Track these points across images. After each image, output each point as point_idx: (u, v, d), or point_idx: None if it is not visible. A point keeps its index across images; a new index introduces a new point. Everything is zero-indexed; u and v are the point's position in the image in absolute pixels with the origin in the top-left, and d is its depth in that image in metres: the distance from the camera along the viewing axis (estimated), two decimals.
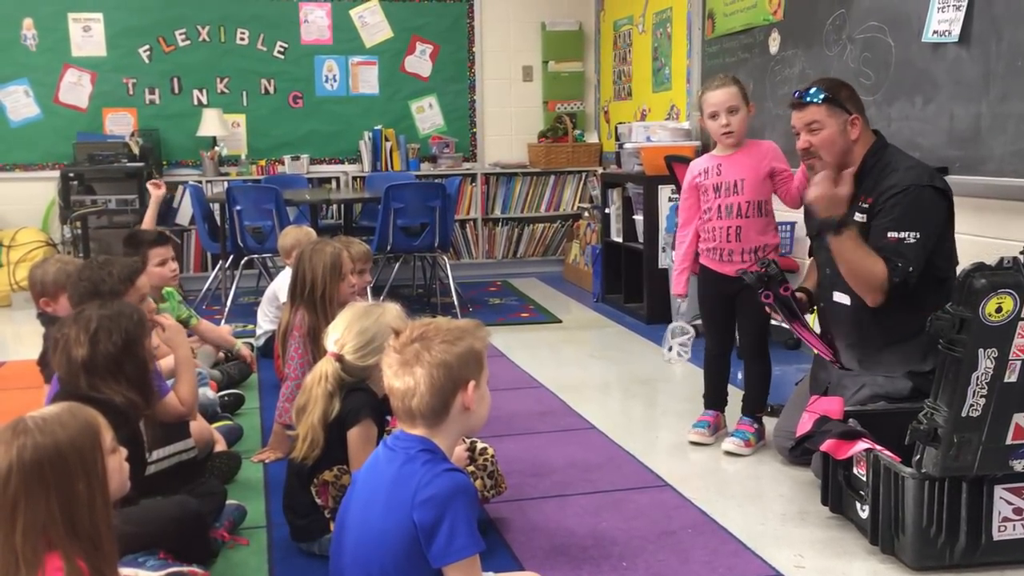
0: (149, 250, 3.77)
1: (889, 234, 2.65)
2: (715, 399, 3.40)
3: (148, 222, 4.55)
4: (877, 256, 2.66)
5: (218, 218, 5.88)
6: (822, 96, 2.77)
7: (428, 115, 7.42)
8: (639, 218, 5.51)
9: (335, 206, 6.75)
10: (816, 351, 2.97)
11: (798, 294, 2.97)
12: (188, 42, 6.91)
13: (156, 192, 4.73)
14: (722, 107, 3.16)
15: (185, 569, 2.11)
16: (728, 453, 3.20)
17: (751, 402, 3.31)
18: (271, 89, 7.09)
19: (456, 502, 1.72)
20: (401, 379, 1.79)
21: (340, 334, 2.41)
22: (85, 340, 2.22)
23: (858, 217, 2.75)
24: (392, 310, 2.44)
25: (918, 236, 2.62)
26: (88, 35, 6.76)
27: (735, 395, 3.42)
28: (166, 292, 3.93)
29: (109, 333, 2.24)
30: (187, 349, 2.73)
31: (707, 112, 3.22)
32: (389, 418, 2.50)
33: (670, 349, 3.52)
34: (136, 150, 6.48)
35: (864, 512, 2.43)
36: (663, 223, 5.33)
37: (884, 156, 2.78)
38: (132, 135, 6.69)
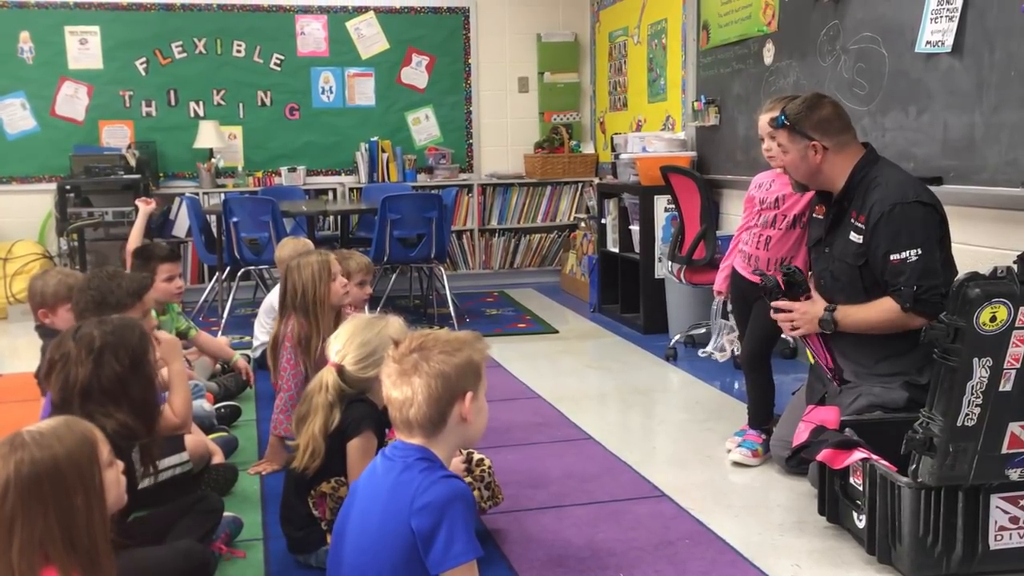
0: (159, 265, 3.78)
1: (891, 257, 2.65)
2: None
3: (135, 237, 4.55)
4: (879, 298, 2.68)
5: (215, 230, 5.88)
6: (783, 122, 2.81)
7: (424, 126, 7.44)
8: (635, 228, 5.52)
9: (332, 217, 6.75)
10: (821, 364, 2.96)
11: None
12: (185, 55, 6.93)
13: (145, 208, 4.74)
14: (764, 131, 3.20)
15: None
16: (736, 464, 3.20)
17: (757, 414, 3.31)
18: (267, 101, 7.11)
19: (453, 508, 1.72)
20: (399, 389, 1.80)
21: (342, 345, 2.41)
22: (88, 360, 2.11)
23: (854, 237, 2.76)
24: (395, 323, 2.44)
25: (920, 252, 2.61)
26: (85, 48, 6.77)
27: (742, 406, 3.42)
28: (166, 304, 3.94)
29: (115, 352, 2.14)
30: (181, 363, 2.72)
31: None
32: (388, 430, 2.50)
33: (721, 349, 3.62)
34: (133, 162, 6.48)
35: (861, 522, 2.43)
36: (659, 233, 5.35)
37: (872, 171, 2.78)
38: (129, 147, 6.69)
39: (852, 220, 2.77)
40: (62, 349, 2.16)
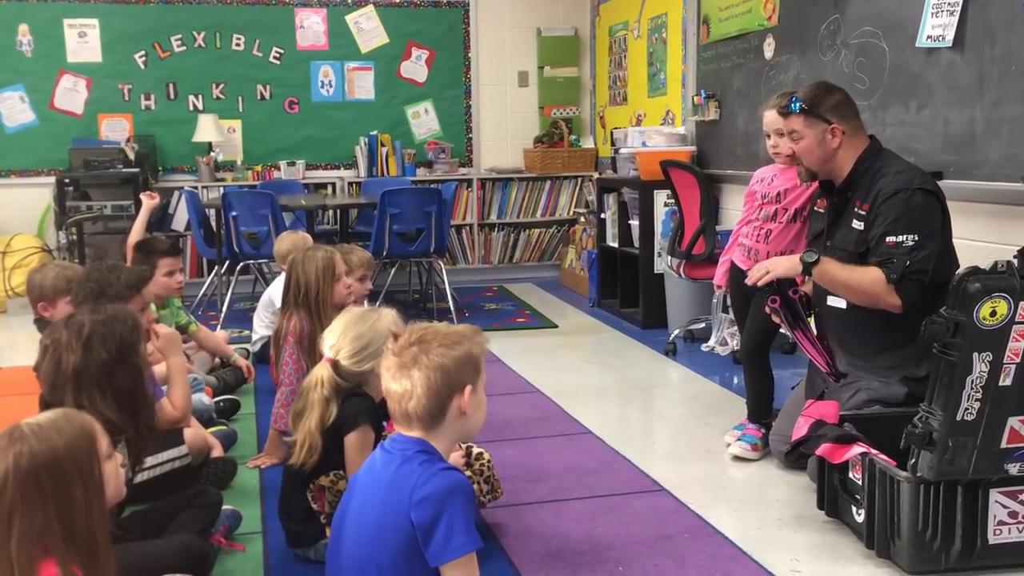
0: (159, 259, 3.78)
1: (887, 239, 2.65)
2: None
3: (137, 231, 4.54)
4: (869, 266, 2.67)
5: (214, 224, 5.88)
6: (799, 107, 2.80)
7: (424, 120, 7.42)
8: (635, 223, 5.52)
9: (331, 212, 6.75)
10: (814, 361, 2.96)
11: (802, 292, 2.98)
12: (184, 48, 6.91)
13: (149, 202, 4.73)
14: (770, 128, 3.19)
15: None
16: (735, 458, 3.20)
17: (756, 409, 3.31)
18: (267, 95, 7.09)
19: (453, 500, 1.73)
20: (398, 382, 1.79)
21: (336, 339, 2.41)
22: (78, 346, 2.11)
23: (856, 224, 2.76)
24: (388, 315, 2.45)
25: (916, 238, 2.62)
26: (84, 41, 6.75)
27: (741, 401, 3.42)
28: (167, 299, 3.93)
29: (103, 339, 2.14)
30: (180, 357, 2.73)
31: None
32: (385, 423, 2.50)
33: (722, 343, 3.60)
34: (132, 156, 6.47)
35: (860, 516, 2.43)
36: (659, 228, 5.34)
37: (877, 161, 2.79)
38: (128, 141, 6.68)
39: (856, 209, 2.77)
40: (54, 336, 2.16)
